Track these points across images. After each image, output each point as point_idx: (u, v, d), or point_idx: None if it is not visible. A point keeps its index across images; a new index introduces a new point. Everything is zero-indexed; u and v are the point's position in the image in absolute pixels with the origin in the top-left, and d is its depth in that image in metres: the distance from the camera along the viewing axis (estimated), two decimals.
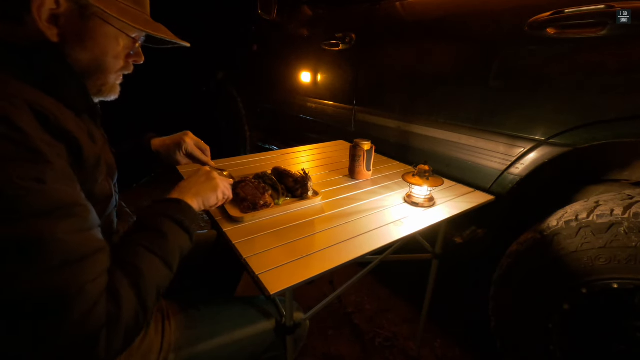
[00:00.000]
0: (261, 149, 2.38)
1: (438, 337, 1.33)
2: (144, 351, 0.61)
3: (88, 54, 0.53)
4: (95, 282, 0.42)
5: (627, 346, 0.81)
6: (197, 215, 0.62)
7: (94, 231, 0.46)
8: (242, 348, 0.72)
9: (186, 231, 0.57)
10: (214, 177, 0.70)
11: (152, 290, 0.48)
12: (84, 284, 0.40)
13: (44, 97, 0.47)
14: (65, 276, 0.40)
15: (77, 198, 0.44)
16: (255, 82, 2.32)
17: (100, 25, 0.52)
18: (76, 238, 0.42)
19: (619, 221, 0.75)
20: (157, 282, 0.50)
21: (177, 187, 0.66)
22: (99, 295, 0.42)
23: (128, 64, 0.60)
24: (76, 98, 0.53)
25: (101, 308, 0.41)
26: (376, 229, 0.76)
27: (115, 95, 0.62)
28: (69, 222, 0.41)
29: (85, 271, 0.41)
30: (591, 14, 0.79)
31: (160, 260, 0.51)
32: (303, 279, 0.58)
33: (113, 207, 0.62)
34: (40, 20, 0.47)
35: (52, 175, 0.41)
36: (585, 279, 0.81)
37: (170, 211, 0.57)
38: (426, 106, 1.22)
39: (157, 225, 0.54)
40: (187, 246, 0.58)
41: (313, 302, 0.90)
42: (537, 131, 0.93)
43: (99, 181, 0.56)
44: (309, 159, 1.31)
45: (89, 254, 0.42)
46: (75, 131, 0.48)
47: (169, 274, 0.53)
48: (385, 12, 1.34)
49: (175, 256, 0.54)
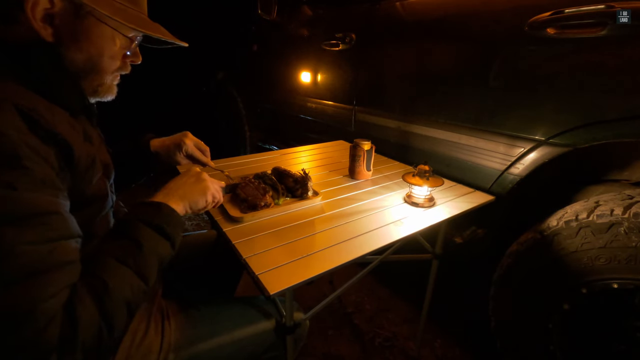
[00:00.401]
0: (261, 149, 2.39)
1: (438, 337, 1.33)
2: (144, 351, 0.61)
3: (84, 54, 0.52)
4: (51, 300, 0.38)
5: (627, 346, 0.81)
6: (180, 219, 0.58)
7: (64, 243, 0.42)
8: (242, 348, 0.72)
9: (166, 238, 0.53)
10: (204, 178, 0.66)
11: (121, 306, 0.44)
12: (38, 302, 0.37)
13: (37, 99, 0.46)
14: (18, 292, 0.37)
15: (49, 207, 0.42)
16: (255, 82, 2.32)
17: (96, 25, 0.51)
18: (39, 249, 0.39)
19: (619, 221, 0.75)
20: (127, 297, 0.45)
21: (164, 187, 0.63)
22: (54, 314, 0.38)
23: (125, 64, 0.60)
24: (71, 98, 0.53)
25: (54, 329, 0.37)
26: (376, 229, 0.76)
27: (112, 95, 0.61)
28: (35, 232, 0.39)
29: (42, 287, 0.38)
30: (591, 14, 0.79)
31: (133, 272, 0.47)
32: (303, 279, 0.58)
33: (109, 208, 0.62)
34: (35, 20, 0.46)
35: (26, 181, 0.39)
36: (585, 279, 0.81)
37: (149, 216, 0.53)
38: (426, 106, 1.22)
39: (132, 232, 0.50)
40: (168, 254, 0.54)
41: (313, 302, 0.90)
42: (537, 131, 0.93)
43: (94, 182, 0.55)
44: (309, 159, 1.31)
45: (50, 268, 0.39)
46: (67, 133, 0.47)
47: (143, 286, 0.48)
48: (385, 12, 1.34)
49: (151, 267, 0.50)
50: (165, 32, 0.58)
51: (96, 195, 0.56)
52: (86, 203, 0.54)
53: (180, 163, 0.85)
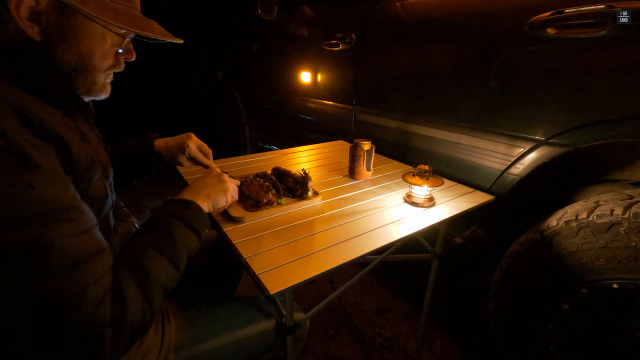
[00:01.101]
0: (261, 149, 2.39)
1: (438, 337, 1.33)
2: (144, 351, 0.61)
3: (74, 52, 0.51)
4: (97, 283, 0.42)
5: (627, 346, 0.81)
6: (205, 216, 0.63)
7: (92, 232, 0.45)
8: (242, 348, 0.72)
9: (195, 233, 0.58)
10: (225, 179, 0.72)
11: (159, 289, 0.49)
12: (86, 286, 0.41)
13: (29, 99, 0.46)
14: (65, 281, 0.40)
15: (69, 200, 0.44)
16: (255, 82, 2.32)
17: (85, 23, 0.50)
18: (73, 241, 0.41)
19: (619, 221, 0.75)
20: (164, 281, 0.50)
21: (189, 187, 0.68)
22: (103, 295, 0.42)
23: (118, 62, 0.58)
24: (63, 97, 0.52)
25: (105, 308, 0.41)
26: (376, 229, 0.76)
27: (106, 94, 0.60)
28: (64, 225, 0.41)
29: (86, 274, 0.41)
30: (591, 14, 0.79)
31: (168, 260, 0.52)
32: (303, 279, 0.58)
33: (109, 207, 0.61)
34: (20, 18, 0.45)
35: (41, 178, 0.40)
36: (585, 279, 0.81)
37: (181, 212, 0.59)
38: (426, 106, 1.22)
39: (166, 226, 0.55)
40: (196, 247, 0.59)
41: (313, 302, 0.90)
42: (537, 131, 0.93)
43: (93, 181, 0.54)
44: (309, 159, 1.31)
45: (87, 256, 0.42)
46: (63, 132, 0.47)
47: (177, 273, 0.54)
48: (385, 12, 1.34)
49: (182, 257, 0.55)
50: (158, 28, 0.57)
51: (96, 195, 0.56)
52: (87, 203, 0.54)
53: (182, 164, 0.85)
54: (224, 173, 0.76)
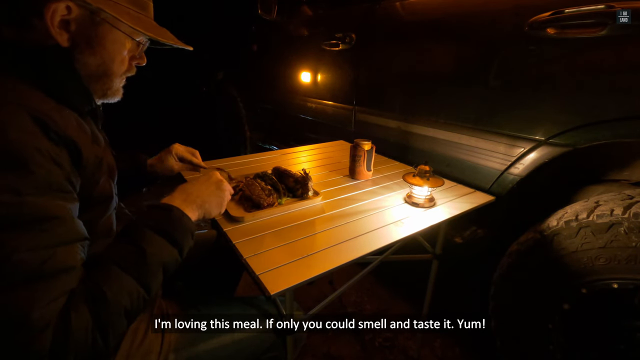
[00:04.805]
0: (261, 149, 2.38)
1: (438, 337, 1.33)
2: (144, 351, 0.61)
3: (97, 58, 0.54)
4: (48, 307, 0.38)
5: (627, 346, 0.81)
6: (191, 225, 0.58)
7: (68, 247, 0.43)
8: (242, 348, 0.72)
9: (174, 244, 0.52)
10: (224, 189, 0.67)
11: (118, 316, 0.44)
12: (33, 308, 0.37)
13: (47, 100, 0.47)
14: (14, 298, 0.37)
15: (52, 211, 0.42)
16: (255, 82, 2.32)
17: (110, 31, 0.53)
18: (38, 256, 0.39)
19: (619, 221, 0.75)
20: (125, 306, 0.45)
21: (182, 189, 0.63)
22: (49, 320, 0.38)
23: (131, 67, 0.61)
24: (81, 100, 0.54)
25: (47, 335, 0.38)
26: (376, 229, 0.76)
27: (118, 97, 0.63)
28: (35, 237, 0.39)
29: (38, 294, 0.38)
30: (591, 14, 0.79)
31: (135, 280, 0.47)
32: (303, 279, 0.58)
33: (113, 209, 0.62)
34: (52, 26, 0.47)
35: (31, 186, 0.40)
36: (585, 279, 0.81)
37: (156, 221, 0.53)
38: (426, 106, 1.22)
39: (138, 238, 0.50)
40: (175, 260, 0.53)
41: (313, 302, 0.89)
42: (537, 131, 0.93)
43: (100, 182, 0.56)
44: (309, 159, 1.31)
45: (47, 275, 0.39)
46: (75, 135, 0.48)
47: (144, 295, 0.48)
48: (385, 12, 1.34)
49: (154, 275, 0.49)
50: (172, 37, 0.60)
51: (102, 196, 0.57)
52: (92, 204, 0.54)
53: (174, 168, 0.90)
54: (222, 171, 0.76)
